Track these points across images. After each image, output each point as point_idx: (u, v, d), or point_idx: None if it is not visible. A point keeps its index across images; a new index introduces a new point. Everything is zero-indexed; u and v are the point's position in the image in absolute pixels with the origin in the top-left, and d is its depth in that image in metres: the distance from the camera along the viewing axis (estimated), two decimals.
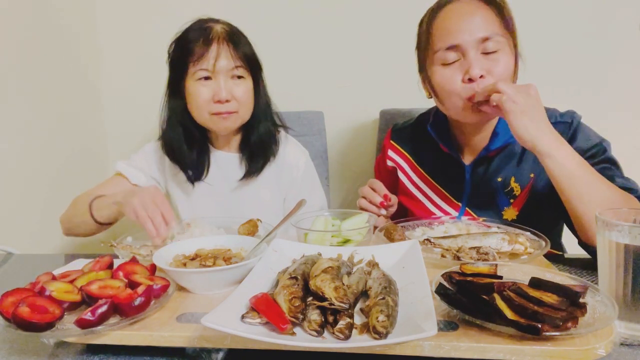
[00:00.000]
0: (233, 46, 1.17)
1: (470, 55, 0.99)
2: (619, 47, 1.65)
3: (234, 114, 1.19)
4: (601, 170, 0.98)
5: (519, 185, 1.09)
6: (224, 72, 1.16)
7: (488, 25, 0.99)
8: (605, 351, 0.54)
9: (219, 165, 1.30)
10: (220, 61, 1.15)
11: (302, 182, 1.35)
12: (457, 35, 1.00)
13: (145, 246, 0.95)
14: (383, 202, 1.07)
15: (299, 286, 0.63)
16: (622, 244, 0.62)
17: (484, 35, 0.98)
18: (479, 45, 0.99)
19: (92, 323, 0.60)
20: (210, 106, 1.17)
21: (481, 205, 1.12)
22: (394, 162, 1.28)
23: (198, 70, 1.15)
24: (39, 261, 1.10)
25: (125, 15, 1.81)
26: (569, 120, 1.07)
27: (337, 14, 1.73)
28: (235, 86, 1.18)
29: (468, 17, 1.00)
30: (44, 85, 1.55)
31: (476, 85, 0.98)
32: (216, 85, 1.16)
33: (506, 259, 0.84)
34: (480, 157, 1.12)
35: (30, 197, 1.48)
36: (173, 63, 1.21)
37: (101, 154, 1.88)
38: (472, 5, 1.01)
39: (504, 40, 1.00)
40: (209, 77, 1.16)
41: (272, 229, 0.94)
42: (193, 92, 1.17)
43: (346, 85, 1.77)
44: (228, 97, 1.16)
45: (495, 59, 0.99)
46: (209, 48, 1.14)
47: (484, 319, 0.58)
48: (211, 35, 1.15)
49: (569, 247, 1.24)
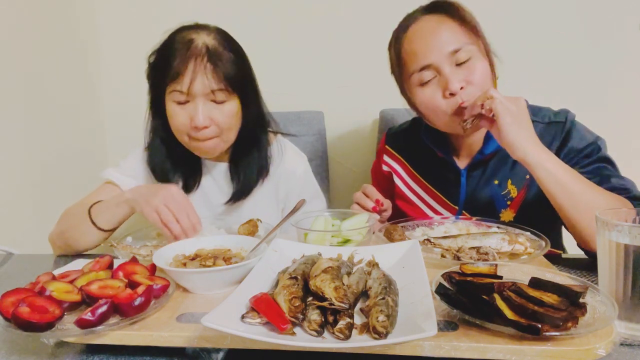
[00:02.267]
0: (212, 66, 1.03)
1: (446, 70, 1.00)
2: (619, 48, 1.65)
3: (214, 139, 1.09)
4: (597, 169, 0.99)
5: (516, 188, 1.10)
6: (203, 96, 1.04)
7: (454, 37, 1.01)
8: (605, 351, 0.54)
9: (213, 175, 1.24)
10: (195, 84, 1.02)
11: (302, 190, 1.27)
12: (427, 54, 1.01)
13: (145, 246, 0.95)
14: (375, 207, 1.06)
15: (299, 286, 0.63)
16: (622, 244, 0.62)
17: (453, 48, 1.00)
18: (451, 59, 1.00)
19: (92, 323, 0.60)
20: (188, 130, 1.07)
21: (478, 208, 1.13)
22: (389, 167, 1.29)
23: (173, 91, 1.04)
24: (39, 261, 1.10)
25: (125, 15, 1.81)
26: (562, 120, 1.08)
27: (337, 14, 1.73)
28: (215, 109, 1.06)
29: (433, 35, 1.01)
30: (43, 85, 1.55)
31: (459, 97, 1.00)
32: (193, 110, 1.04)
33: (506, 259, 0.84)
34: (475, 161, 1.13)
35: (31, 197, 1.48)
36: (152, 78, 1.12)
37: (101, 154, 1.88)
38: (433, 22, 1.03)
39: (473, 47, 1.01)
40: (187, 100, 1.05)
41: (272, 229, 0.94)
42: (170, 113, 1.08)
43: (346, 85, 1.78)
44: (205, 123, 1.04)
45: (470, 67, 1.01)
46: (186, 67, 1.02)
47: (484, 319, 0.58)
48: (189, 52, 1.02)
49: (569, 247, 1.24)
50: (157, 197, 0.94)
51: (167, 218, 0.92)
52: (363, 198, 1.08)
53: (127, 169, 1.21)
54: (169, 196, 0.95)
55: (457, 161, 1.17)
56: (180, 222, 0.93)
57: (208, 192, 1.24)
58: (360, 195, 1.09)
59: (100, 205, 1.05)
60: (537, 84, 1.65)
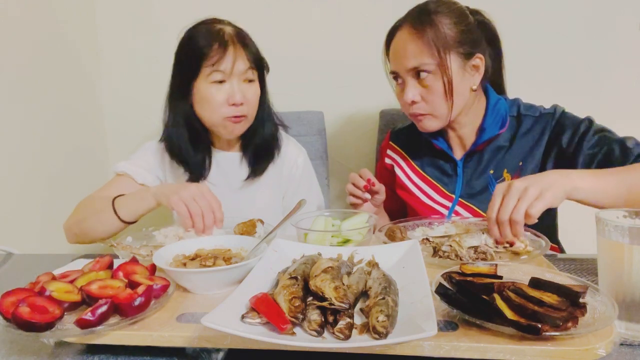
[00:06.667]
0: (244, 48, 1.17)
1: (406, 81, 1.11)
2: (619, 48, 1.64)
3: (244, 118, 1.20)
4: (601, 139, 1.05)
5: (510, 176, 1.15)
6: (238, 75, 1.16)
7: (418, 55, 1.07)
8: (605, 351, 0.54)
9: (220, 165, 1.31)
10: (237, 64, 1.15)
11: (301, 180, 1.36)
12: (395, 63, 1.13)
13: (145, 246, 0.95)
14: (366, 185, 1.13)
15: (299, 286, 0.63)
16: (622, 244, 0.62)
17: (412, 66, 1.08)
18: (412, 72, 1.09)
19: (92, 323, 0.60)
20: (224, 109, 1.17)
21: (474, 195, 1.18)
22: (392, 160, 1.35)
23: (213, 72, 1.14)
24: (39, 261, 1.10)
25: (124, 15, 1.81)
26: (551, 111, 1.15)
27: (337, 14, 1.73)
28: (247, 89, 1.19)
29: (403, 48, 1.10)
30: (43, 85, 1.55)
31: (410, 109, 1.12)
32: (230, 89, 1.16)
33: (506, 259, 0.84)
34: (470, 151, 1.19)
35: (31, 197, 1.48)
36: (182, 65, 1.20)
37: (101, 153, 1.88)
38: (405, 34, 1.10)
39: (433, 66, 1.07)
40: (223, 80, 1.15)
41: (272, 229, 0.94)
42: (206, 94, 1.16)
43: (346, 85, 1.77)
44: (242, 100, 1.16)
45: (428, 86, 1.09)
46: (226, 51, 1.14)
47: (484, 319, 0.58)
48: (226, 38, 1.15)
49: (569, 247, 1.25)
50: (186, 191, 0.99)
51: (195, 211, 0.96)
52: (357, 177, 1.15)
53: (139, 161, 1.27)
54: (199, 193, 0.99)
55: (454, 152, 1.23)
56: (206, 217, 0.96)
57: (215, 182, 1.30)
58: (354, 175, 1.16)
59: (125, 198, 1.09)
60: (537, 84, 1.65)
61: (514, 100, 1.21)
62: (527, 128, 1.15)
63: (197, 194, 0.98)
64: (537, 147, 1.13)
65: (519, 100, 1.21)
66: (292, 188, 1.36)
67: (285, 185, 1.36)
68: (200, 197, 0.98)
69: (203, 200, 0.98)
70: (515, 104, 1.19)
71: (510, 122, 1.17)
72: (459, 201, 1.19)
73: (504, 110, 1.16)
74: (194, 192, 0.98)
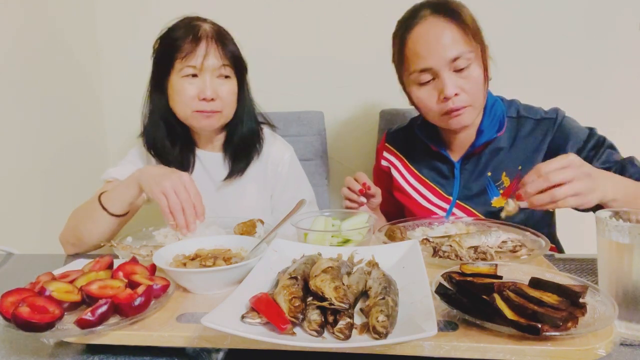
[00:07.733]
0: (221, 45, 1.17)
1: (443, 75, 1.04)
2: (619, 48, 1.64)
3: (217, 113, 1.19)
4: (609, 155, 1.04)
5: (509, 179, 1.14)
6: (210, 71, 1.16)
7: (456, 45, 1.03)
8: (605, 351, 0.54)
9: (204, 164, 1.30)
10: (208, 59, 1.15)
11: (288, 177, 1.35)
12: (428, 58, 1.04)
13: (145, 246, 0.95)
14: (362, 189, 1.10)
15: (299, 286, 0.63)
16: (622, 244, 0.62)
17: (454, 55, 1.03)
18: (450, 65, 1.04)
19: (92, 323, 0.60)
20: (194, 103, 1.16)
21: (471, 197, 1.17)
22: (388, 162, 1.34)
23: (185, 67, 1.15)
24: (39, 261, 1.10)
25: (124, 14, 1.81)
26: (553, 116, 1.13)
27: (337, 14, 1.73)
28: (221, 85, 1.18)
29: (437, 39, 1.04)
30: (43, 84, 1.55)
31: (451, 102, 1.05)
32: (202, 83, 1.15)
33: (506, 259, 0.84)
34: (468, 153, 1.18)
35: (30, 198, 1.48)
36: (158, 59, 1.21)
37: (101, 153, 1.88)
38: (439, 26, 1.04)
39: (472, 54, 1.04)
40: (195, 74, 1.16)
41: (272, 229, 0.94)
42: (178, 88, 1.16)
43: (346, 85, 1.77)
44: (213, 95, 1.16)
45: (467, 76, 1.05)
46: (197, 45, 1.14)
47: (484, 319, 0.58)
48: (200, 33, 1.15)
49: (569, 247, 1.24)
50: (168, 180, 0.96)
51: (174, 206, 0.93)
52: (352, 181, 1.13)
53: (128, 165, 1.27)
54: (180, 183, 0.96)
55: (451, 154, 1.21)
56: (186, 212, 0.94)
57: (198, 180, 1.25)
58: (350, 179, 1.14)
59: (110, 191, 1.08)
60: (536, 84, 1.65)
61: (511, 101, 1.20)
62: (528, 131, 1.14)
63: (178, 185, 0.96)
64: (537, 152, 1.12)
65: (517, 102, 1.20)
66: (279, 186, 1.34)
67: (271, 183, 1.34)
68: (181, 188, 0.95)
69: (184, 193, 0.95)
70: (514, 105, 1.18)
71: (510, 124, 1.16)
72: (457, 203, 1.18)
73: (500, 111, 1.15)
74: (175, 183, 0.96)
